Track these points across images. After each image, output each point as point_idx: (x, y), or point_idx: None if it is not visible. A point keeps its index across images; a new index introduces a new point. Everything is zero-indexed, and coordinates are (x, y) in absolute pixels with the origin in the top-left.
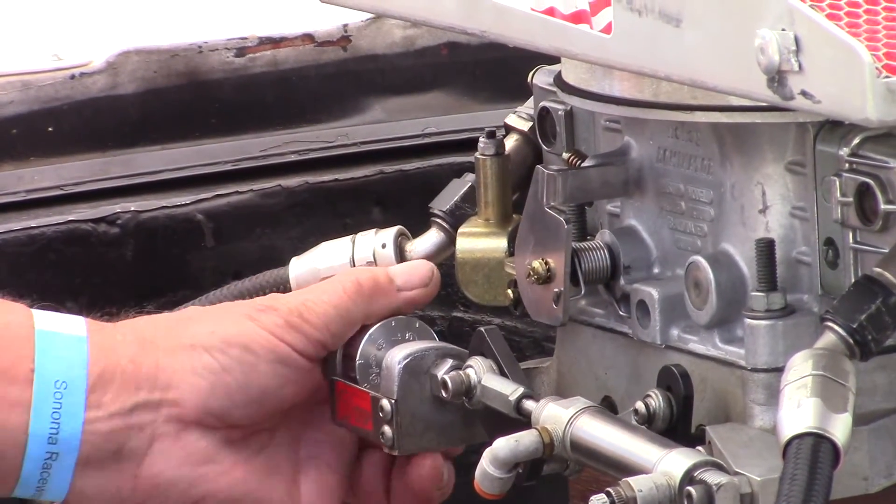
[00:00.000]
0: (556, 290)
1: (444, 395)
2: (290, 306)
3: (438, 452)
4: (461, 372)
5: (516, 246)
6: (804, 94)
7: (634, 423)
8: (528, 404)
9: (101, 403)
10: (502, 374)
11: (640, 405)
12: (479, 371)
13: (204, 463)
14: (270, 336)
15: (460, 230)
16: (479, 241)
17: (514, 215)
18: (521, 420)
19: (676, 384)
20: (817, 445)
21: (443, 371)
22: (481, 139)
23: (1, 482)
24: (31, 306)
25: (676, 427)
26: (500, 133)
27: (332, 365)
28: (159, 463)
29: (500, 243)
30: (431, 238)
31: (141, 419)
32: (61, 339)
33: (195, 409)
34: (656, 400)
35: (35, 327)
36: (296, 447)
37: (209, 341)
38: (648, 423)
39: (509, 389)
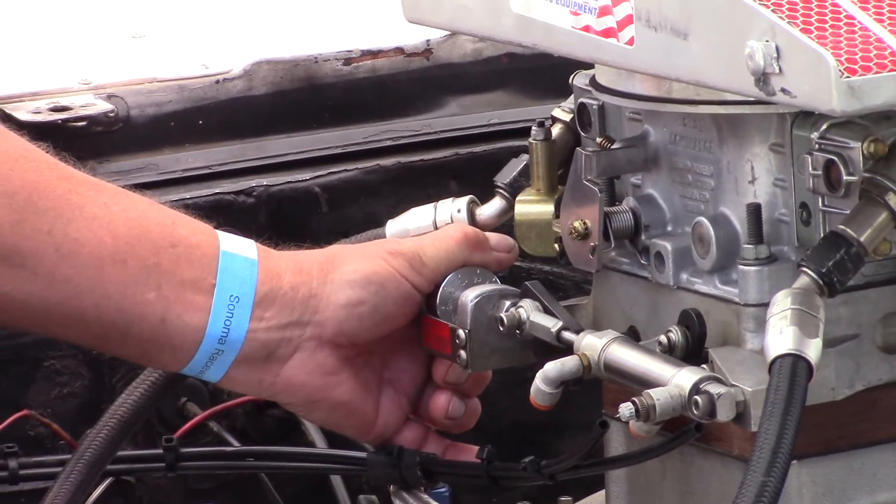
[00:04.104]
0: (591, 244)
1: (501, 328)
2: (412, 251)
3: (453, 395)
4: (514, 310)
5: (561, 210)
6: (783, 91)
7: (658, 351)
8: (567, 335)
9: (263, 318)
10: (547, 312)
11: (662, 338)
12: (528, 310)
13: (329, 374)
14: (398, 275)
15: (518, 198)
16: (532, 207)
17: (559, 186)
18: (561, 347)
19: (693, 324)
20: (796, 363)
21: (502, 310)
22: (533, 128)
23: (175, 362)
24: (215, 227)
25: (689, 357)
26: (548, 123)
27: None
28: (296, 368)
29: (549, 208)
30: (496, 205)
31: (291, 334)
32: (238, 260)
33: (333, 331)
34: (676, 335)
35: (220, 248)
36: (382, 369)
37: (352, 277)
38: (669, 352)
39: (550, 323)
